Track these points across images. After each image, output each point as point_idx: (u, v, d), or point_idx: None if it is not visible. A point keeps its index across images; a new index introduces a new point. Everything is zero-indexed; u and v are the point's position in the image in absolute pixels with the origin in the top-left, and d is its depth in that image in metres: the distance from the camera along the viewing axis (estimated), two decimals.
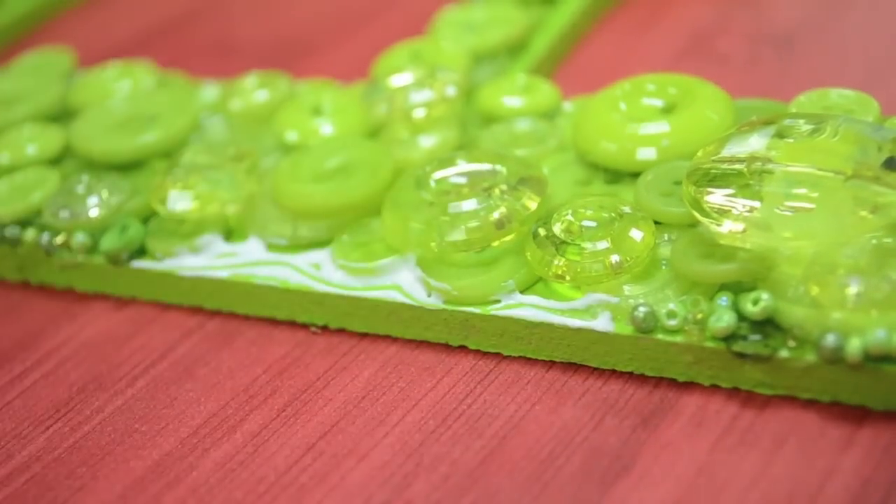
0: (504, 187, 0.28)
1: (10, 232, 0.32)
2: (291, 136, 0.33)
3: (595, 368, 0.26)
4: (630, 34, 0.40)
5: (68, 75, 0.39)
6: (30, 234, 0.32)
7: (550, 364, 0.26)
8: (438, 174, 0.28)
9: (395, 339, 0.28)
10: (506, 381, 0.26)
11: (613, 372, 0.26)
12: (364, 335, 0.28)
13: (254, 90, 0.35)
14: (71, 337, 0.30)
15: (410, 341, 0.28)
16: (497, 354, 0.27)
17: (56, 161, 0.35)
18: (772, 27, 0.39)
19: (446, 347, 0.27)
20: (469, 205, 0.27)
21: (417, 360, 0.27)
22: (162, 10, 0.48)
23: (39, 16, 0.49)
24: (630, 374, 0.26)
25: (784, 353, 0.24)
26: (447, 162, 0.29)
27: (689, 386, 0.25)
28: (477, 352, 0.27)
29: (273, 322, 0.29)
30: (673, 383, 0.25)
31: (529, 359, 0.27)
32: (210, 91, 0.37)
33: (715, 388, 0.25)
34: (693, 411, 0.24)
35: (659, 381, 0.25)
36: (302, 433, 0.26)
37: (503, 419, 0.25)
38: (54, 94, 0.37)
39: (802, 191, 0.24)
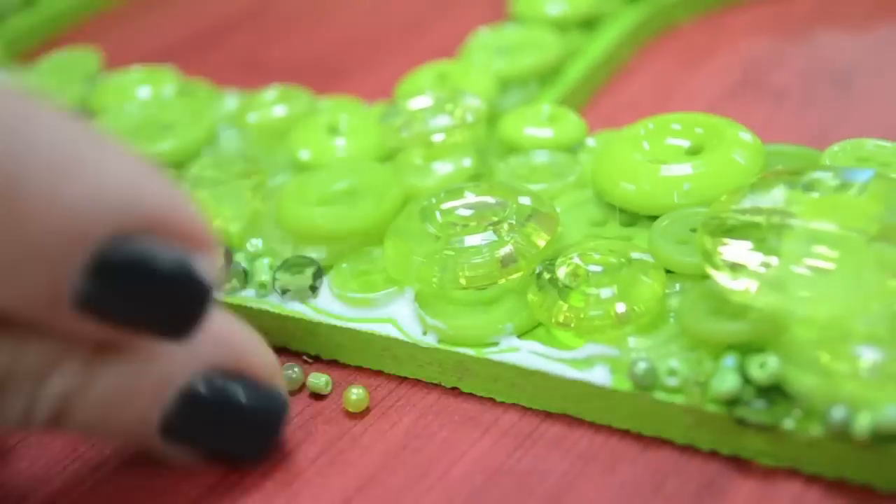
0: (512, 223, 0.26)
1: None
2: (304, 154, 0.32)
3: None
4: (677, 66, 0.39)
5: (93, 77, 0.38)
6: None
7: None
8: (445, 206, 0.27)
9: (435, 386, 0.26)
10: (556, 436, 0.24)
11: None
12: (403, 379, 0.27)
13: (273, 104, 0.34)
14: None
15: (452, 389, 0.26)
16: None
17: None
18: (830, 64, 0.37)
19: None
20: (474, 240, 0.26)
21: (460, 409, 0.26)
22: (196, 21, 0.47)
23: (73, 17, 0.48)
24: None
25: (789, 424, 0.22)
26: (455, 194, 0.27)
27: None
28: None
29: (306, 360, 0.28)
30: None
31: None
32: (231, 102, 0.36)
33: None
34: (761, 474, 0.23)
35: None
36: (338, 484, 0.24)
37: (556, 477, 0.23)
38: (75, 95, 0.37)
39: (822, 249, 0.23)
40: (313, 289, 0.28)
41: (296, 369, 0.27)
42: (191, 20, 0.48)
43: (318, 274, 0.28)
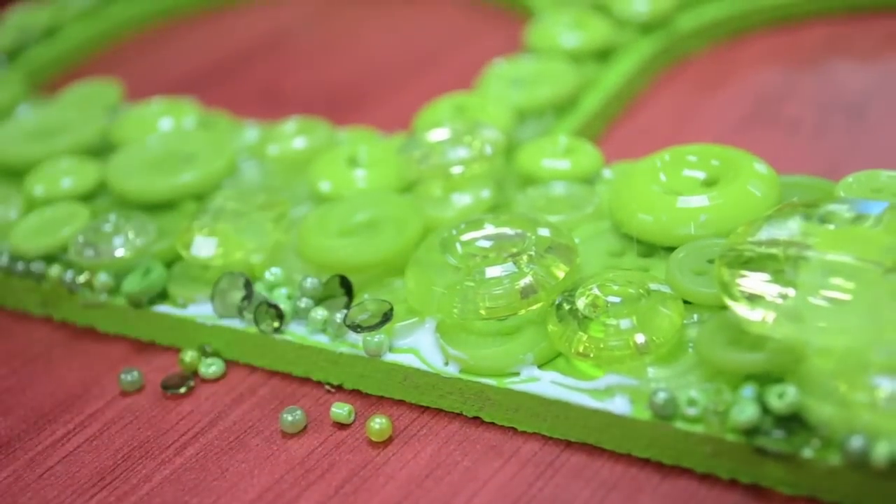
0: (532, 254, 0.27)
1: (36, 267, 0.32)
2: (325, 185, 0.32)
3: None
4: (690, 96, 0.39)
5: (114, 109, 0.39)
6: (54, 270, 0.31)
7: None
8: (465, 237, 0.28)
9: (457, 415, 0.27)
10: (577, 465, 0.25)
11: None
12: (425, 409, 0.27)
13: (292, 136, 0.34)
14: (115, 398, 0.29)
15: (474, 418, 0.26)
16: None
17: (90, 196, 0.34)
18: (842, 95, 0.37)
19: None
20: (494, 271, 0.26)
21: (482, 438, 0.26)
22: (215, 53, 0.48)
23: (93, 48, 0.49)
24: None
25: (807, 453, 0.22)
26: (474, 225, 0.28)
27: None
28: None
29: (329, 390, 0.28)
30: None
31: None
32: (251, 134, 0.37)
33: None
34: (781, 503, 0.23)
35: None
36: None
37: None
38: (96, 128, 0.37)
39: (839, 281, 0.23)
40: (348, 295, 0.28)
41: (297, 412, 0.27)
42: (209, 52, 0.48)
43: (345, 282, 0.28)
